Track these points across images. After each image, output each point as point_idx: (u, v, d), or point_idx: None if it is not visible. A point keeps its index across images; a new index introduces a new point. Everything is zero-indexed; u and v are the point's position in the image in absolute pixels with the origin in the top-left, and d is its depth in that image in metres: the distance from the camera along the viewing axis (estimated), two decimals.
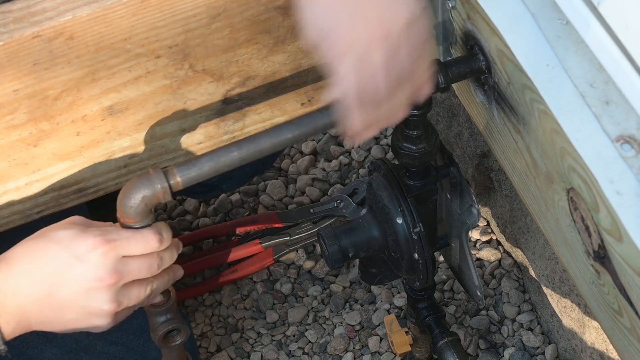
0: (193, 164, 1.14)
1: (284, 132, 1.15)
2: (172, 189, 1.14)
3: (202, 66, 1.25)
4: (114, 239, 1.15)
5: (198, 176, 1.14)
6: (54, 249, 1.15)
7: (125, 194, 1.14)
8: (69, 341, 1.50)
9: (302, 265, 1.96)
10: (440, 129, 1.96)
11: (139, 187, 1.13)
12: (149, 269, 1.17)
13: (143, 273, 1.17)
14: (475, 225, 1.38)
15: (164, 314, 1.26)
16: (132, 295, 1.18)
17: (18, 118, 1.20)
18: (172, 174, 1.13)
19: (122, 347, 1.54)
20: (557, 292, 1.73)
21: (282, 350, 1.88)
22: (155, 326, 1.27)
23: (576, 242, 1.15)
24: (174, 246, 1.21)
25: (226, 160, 1.14)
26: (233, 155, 1.14)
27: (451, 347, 1.55)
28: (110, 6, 1.14)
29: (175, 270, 1.24)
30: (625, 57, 1.05)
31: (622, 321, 1.12)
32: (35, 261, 1.15)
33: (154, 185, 1.13)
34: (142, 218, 1.15)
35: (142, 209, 1.14)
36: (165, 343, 1.29)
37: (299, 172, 2.07)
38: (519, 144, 1.21)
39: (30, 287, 1.14)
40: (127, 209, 1.14)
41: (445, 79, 1.21)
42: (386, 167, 1.37)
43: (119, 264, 1.15)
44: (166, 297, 1.25)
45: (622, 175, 1.04)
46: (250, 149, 1.14)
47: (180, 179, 1.13)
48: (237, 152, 1.14)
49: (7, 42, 1.12)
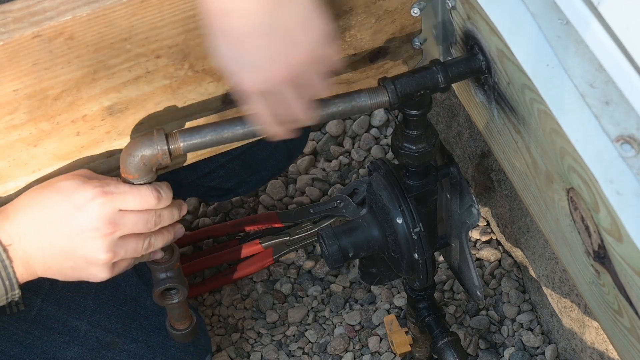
0: (196, 132, 1.19)
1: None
2: (172, 153, 1.19)
3: (202, 66, 1.25)
4: (112, 191, 1.20)
5: (199, 144, 1.19)
6: (55, 198, 1.20)
7: (127, 150, 1.20)
8: (90, 340, 1.54)
9: (302, 265, 1.96)
10: (440, 129, 1.96)
11: (139, 146, 1.19)
12: (145, 223, 1.22)
13: (139, 227, 1.22)
14: (475, 225, 1.38)
15: (164, 272, 1.30)
16: (129, 247, 1.23)
17: (18, 118, 1.20)
18: (174, 138, 1.19)
19: (142, 344, 1.58)
20: (557, 292, 1.73)
21: (282, 350, 1.88)
22: (155, 282, 1.32)
23: (576, 242, 1.15)
24: (175, 206, 1.26)
25: (228, 134, 1.19)
26: (236, 130, 1.19)
27: (451, 347, 1.55)
28: (110, 6, 1.14)
29: (177, 228, 1.29)
30: (625, 57, 1.05)
31: (622, 321, 1.12)
32: (38, 209, 1.20)
33: (154, 146, 1.19)
34: (140, 175, 1.21)
35: (140, 167, 1.20)
36: (163, 300, 1.34)
37: (299, 172, 2.07)
38: (518, 144, 1.21)
39: (33, 233, 1.19)
40: (127, 164, 1.20)
41: (445, 79, 1.21)
42: (386, 167, 1.37)
43: (116, 215, 1.20)
44: (168, 255, 1.30)
45: (622, 175, 1.04)
46: (254, 127, 1.18)
47: (182, 144, 1.19)
48: (241, 127, 1.19)
49: (7, 42, 1.12)
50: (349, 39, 1.31)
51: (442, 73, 1.21)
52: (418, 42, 1.34)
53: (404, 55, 1.37)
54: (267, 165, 1.78)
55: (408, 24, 1.34)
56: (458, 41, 1.28)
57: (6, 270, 1.20)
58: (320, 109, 1.19)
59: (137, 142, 1.20)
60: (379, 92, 1.20)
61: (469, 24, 1.23)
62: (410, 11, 1.29)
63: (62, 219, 1.19)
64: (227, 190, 1.79)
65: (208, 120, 1.31)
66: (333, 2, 1.25)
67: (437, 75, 1.21)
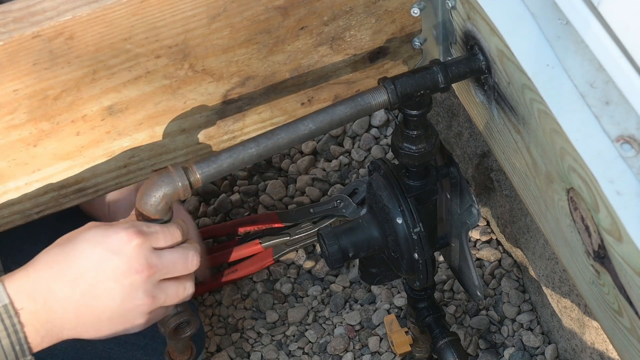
0: (212, 161, 1.16)
1: (299, 127, 1.17)
2: (192, 186, 1.15)
3: (202, 66, 1.25)
4: (145, 231, 1.14)
5: (217, 173, 1.16)
6: (84, 248, 1.13)
7: (146, 191, 1.15)
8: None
9: (302, 265, 1.96)
10: (440, 129, 1.96)
11: (160, 185, 1.14)
12: (184, 262, 1.17)
13: (179, 267, 1.16)
14: (475, 225, 1.38)
15: (174, 307, 1.23)
16: (170, 291, 1.17)
17: (18, 118, 1.20)
18: (191, 171, 1.15)
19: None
20: (557, 292, 1.73)
21: (282, 350, 1.88)
22: (166, 319, 1.24)
23: (576, 242, 1.15)
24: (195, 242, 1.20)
25: (244, 156, 1.16)
26: (251, 152, 1.16)
27: (451, 347, 1.55)
28: (110, 6, 1.14)
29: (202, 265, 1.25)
30: (625, 57, 1.05)
31: (622, 321, 1.12)
32: (65, 262, 1.12)
33: (175, 183, 1.14)
34: (161, 215, 1.16)
35: (162, 207, 1.15)
36: (175, 335, 1.27)
37: (299, 172, 2.07)
38: (518, 144, 1.21)
39: (63, 289, 1.12)
40: (148, 206, 1.15)
41: (445, 79, 1.21)
42: (386, 167, 1.37)
43: (153, 255, 1.14)
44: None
45: (622, 175, 1.04)
46: (268, 145, 1.16)
47: (200, 176, 1.15)
48: (255, 148, 1.16)
49: (7, 42, 1.12)
50: (349, 39, 1.31)
51: (442, 73, 1.21)
52: (418, 42, 1.34)
53: (404, 55, 1.37)
54: None
55: (408, 24, 1.34)
56: (458, 41, 1.28)
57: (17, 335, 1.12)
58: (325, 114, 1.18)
59: (155, 182, 1.14)
60: (379, 91, 1.20)
61: (469, 24, 1.23)
62: (410, 11, 1.29)
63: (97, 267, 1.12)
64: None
65: (208, 121, 1.31)
66: (333, 2, 1.25)
67: (437, 75, 1.21)
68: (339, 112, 1.18)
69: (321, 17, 1.27)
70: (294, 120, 1.18)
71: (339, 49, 1.32)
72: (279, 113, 1.35)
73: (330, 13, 1.27)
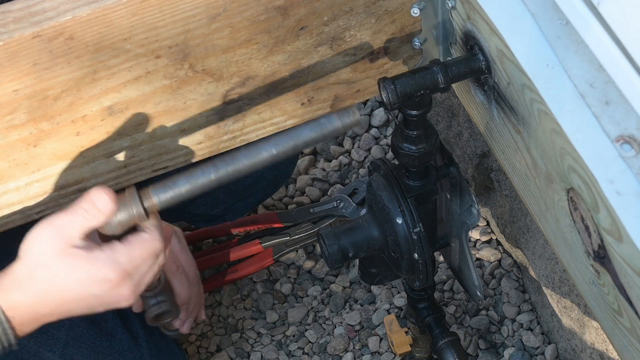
0: (169, 187, 1.14)
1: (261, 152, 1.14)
2: (148, 211, 1.14)
3: (202, 66, 1.25)
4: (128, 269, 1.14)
5: (174, 198, 1.14)
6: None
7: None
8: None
9: (302, 265, 1.96)
10: (440, 129, 1.96)
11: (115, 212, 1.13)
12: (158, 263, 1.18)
13: (155, 269, 1.17)
14: (475, 225, 1.38)
15: (154, 298, 1.33)
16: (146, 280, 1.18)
17: (18, 118, 1.20)
18: (147, 197, 1.13)
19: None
20: (557, 292, 1.73)
21: (282, 350, 1.88)
22: (147, 308, 1.34)
23: (576, 242, 1.15)
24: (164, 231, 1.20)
25: (203, 181, 1.14)
26: (210, 178, 1.14)
27: (451, 347, 1.55)
28: (110, 6, 1.14)
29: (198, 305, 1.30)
30: (625, 57, 1.05)
31: (622, 321, 1.12)
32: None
33: (129, 210, 1.13)
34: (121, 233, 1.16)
35: (120, 231, 1.15)
36: (157, 322, 1.36)
37: (299, 172, 2.07)
38: (518, 144, 1.21)
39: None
40: (106, 231, 1.14)
41: (445, 79, 1.21)
42: (386, 167, 1.37)
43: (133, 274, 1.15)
44: (155, 282, 1.31)
45: (622, 175, 1.04)
46: (227, 170, 1.14)
47: (157, 201, 1.14)
48: (214, 174, 1.14)
49: (7, 42, 1.12)
50: (349, 39, 1.31)
51: (442, 73, 1.21)
52: (418, 42, 1.34)
53: (404, 55, 1.37)
54: (253, 192, 1.76)
55: (408, 24, 1.34)
56: (458, 41, 1.28)
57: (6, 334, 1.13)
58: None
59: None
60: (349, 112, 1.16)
61: (469, 24, 1.23)
62: (410, 11, 1.29)
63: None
64: (214, 217, 1.78)
65: (208, 121, 1.31)
66: (333, 2, 1.25)
67: (437, 75, 1.21)
68: (303, 135, 1.15)
69: (321, 17, 1.27)
70: (256, 142, 1.15)
71: (339, 49, 1.32)
72: (279, 113, 1.35)
73: (330, 13, 1.27)
